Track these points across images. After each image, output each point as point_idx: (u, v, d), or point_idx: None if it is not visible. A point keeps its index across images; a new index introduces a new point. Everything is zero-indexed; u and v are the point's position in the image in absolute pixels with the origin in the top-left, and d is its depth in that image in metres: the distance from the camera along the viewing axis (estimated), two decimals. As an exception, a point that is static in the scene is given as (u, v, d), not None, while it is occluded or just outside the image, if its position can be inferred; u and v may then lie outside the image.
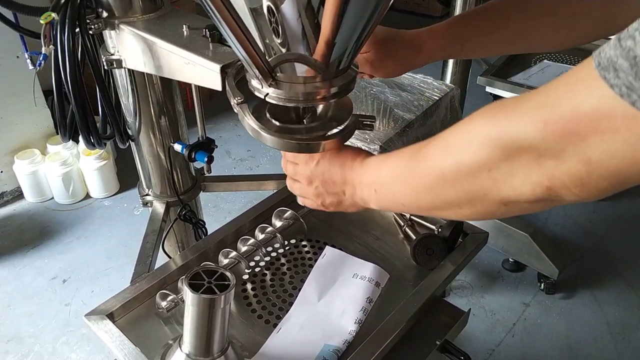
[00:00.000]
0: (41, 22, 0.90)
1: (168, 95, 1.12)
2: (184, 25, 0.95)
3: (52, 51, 0.92)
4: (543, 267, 1.94)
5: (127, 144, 1.15)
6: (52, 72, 0.95)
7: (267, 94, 0.73)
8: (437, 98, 1.64)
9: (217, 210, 2.40)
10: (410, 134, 1.54)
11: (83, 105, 0.98)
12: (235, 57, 0.85)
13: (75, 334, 1.85)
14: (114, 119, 1.06)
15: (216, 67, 0.86)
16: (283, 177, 1.30)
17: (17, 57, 2.34)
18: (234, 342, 0.80)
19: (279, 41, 0.69)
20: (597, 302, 1.96)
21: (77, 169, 2.48)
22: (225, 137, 2.92)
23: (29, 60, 2.23)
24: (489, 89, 1.95)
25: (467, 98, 2.31)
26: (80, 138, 1.05)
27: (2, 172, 2.46)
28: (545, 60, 2.14)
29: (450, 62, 2.21)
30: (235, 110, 0.79)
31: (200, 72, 0.89)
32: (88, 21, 0.96)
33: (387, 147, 1.46)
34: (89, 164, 2.44)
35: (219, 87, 0.88)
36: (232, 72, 0.86)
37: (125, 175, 2.57)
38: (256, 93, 0.74)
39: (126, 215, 2.40)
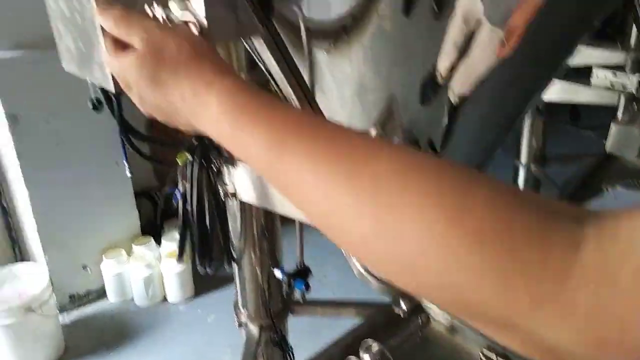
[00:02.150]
0: (179, 162, 1.05)
1: (271, 222, 1.24)
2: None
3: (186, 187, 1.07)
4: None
5: (232, 266, 1.26)
6: (180, 206, 1.09)
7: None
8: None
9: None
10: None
11: (204, 235, 1.10)
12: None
13: None
14: (226, 244, 1.18)
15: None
16: (371, 304, 1.36)
17: (116, 163, 2.58)
18: None
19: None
20: None
21: (158, 272, 2.62)
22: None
23: (127, 168, 2.46)
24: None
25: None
26: (197, 263, 1.16)
27: (91, 270, 2.64)
28: (618, 187, 2.15)
29: (520, 185, 2.27)
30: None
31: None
32: (212, 159, 1.11)
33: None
34: (170, 267, 2.58)
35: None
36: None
37: (200, 280, 2.68)
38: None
39: (200, 323, 2.46)
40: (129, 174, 2.40)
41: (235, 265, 1.29)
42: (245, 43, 0.59)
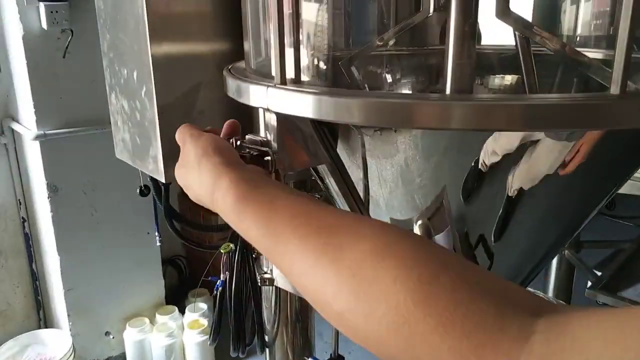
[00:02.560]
0: (222, 251, 1.07)
1: (304, 309, 1.24)
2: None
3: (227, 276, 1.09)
4: None
5: (264, 351, 1.25)
6: (218, 292, 1.11)
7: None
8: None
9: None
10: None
11: (239, 320, 1.11)
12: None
13: None
14: (260, 330, 1.18)
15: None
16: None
17: (148, 233, 2.63)
18: None
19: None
20: None
21: (180, 341, 2.59)
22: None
23: (158, 238, 2.52)
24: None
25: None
26: (232, 348, 1.17)
27: (113, 337, 2.62)
28: (654, 276, 2.10)
29: (553, 270, 2.23)
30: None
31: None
32: (253, 247, 1.14)
33: None
34: (192, 337, 2.56)
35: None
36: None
37: (220, 351, 2.64)
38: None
39: (219, 396, 2.41)
40: (158, 243, 2.45)
41: (267, 350, 1.28)
42: (310, 169, 0.63)
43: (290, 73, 0.53)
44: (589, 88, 0.62)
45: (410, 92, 0.78)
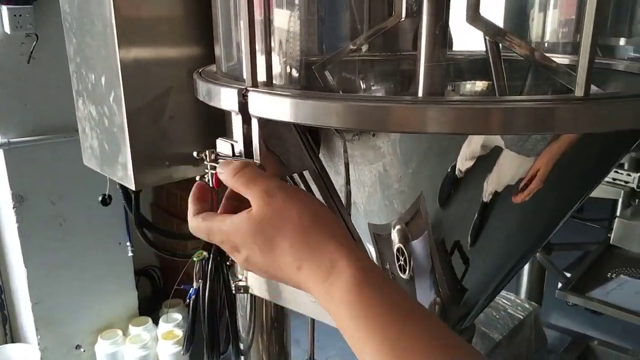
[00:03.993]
0: (194, 260, 1.05)
1: (280, 316, 1.23)
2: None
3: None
4: None
5: (239, 359, 1.23)
6: (191, 300, 1.08)
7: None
8: (522, 317, 1.67)
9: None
10: (499, 354, 1.55)
11: (213, 327, 1.09)
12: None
13: None
14: (234, 337, 1.16)
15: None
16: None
17: (119, 243, 2.58)
18: None
19: (405, 277, 0.77)
20: None
21: (154, 353, 2.54)
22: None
23: (130, 249, 2.48)
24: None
25: (543, 310, 2.31)
26: (205, 357, 1.14)
27: (84, 350, 2.55)
28: (622, 275, 2.16)
29: (525, 272, 2.27)
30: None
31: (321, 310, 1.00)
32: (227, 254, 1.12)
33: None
34: (166, 348, 2.51)
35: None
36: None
37: (196, 361, 2.60)
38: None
39: (194, 407, 2.37)
40: (130, 254, 2.41)
41: (242, 358, 1.26)
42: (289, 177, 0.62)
43: (262, 77, 0.53)
44: (555, 93, 0.63)
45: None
